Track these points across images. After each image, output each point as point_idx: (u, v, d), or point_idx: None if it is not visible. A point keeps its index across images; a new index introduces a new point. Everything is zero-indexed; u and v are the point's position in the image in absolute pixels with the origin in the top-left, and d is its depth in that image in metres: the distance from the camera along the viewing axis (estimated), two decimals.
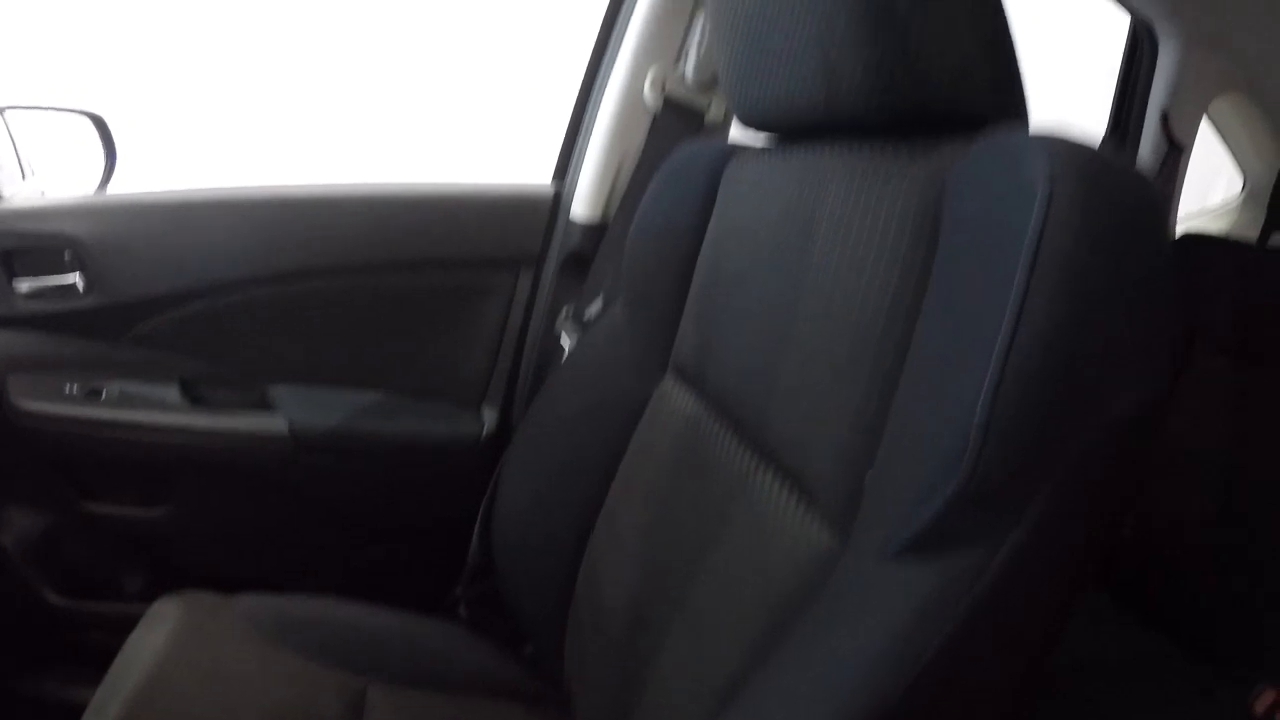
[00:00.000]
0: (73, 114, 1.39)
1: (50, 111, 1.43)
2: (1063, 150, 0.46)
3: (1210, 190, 2.36)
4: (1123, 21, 1.65)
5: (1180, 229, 1.78)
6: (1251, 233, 1.69)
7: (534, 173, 1.35)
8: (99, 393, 1.23)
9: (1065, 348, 0.43)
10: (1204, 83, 1.65)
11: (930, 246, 0.53)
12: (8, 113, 1.43)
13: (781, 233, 0.69)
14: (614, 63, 1.24)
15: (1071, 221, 0.43)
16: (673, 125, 1.22)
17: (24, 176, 1.70)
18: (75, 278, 1.20)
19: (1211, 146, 1.93)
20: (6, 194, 1.53)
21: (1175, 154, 1.62)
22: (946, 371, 0.48)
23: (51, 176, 1.74)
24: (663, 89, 1.21)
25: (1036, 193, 0.44)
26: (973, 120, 0.56)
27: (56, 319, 1.22)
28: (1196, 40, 1.59)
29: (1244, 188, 2.05)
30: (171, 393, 1.24)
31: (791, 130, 0.72)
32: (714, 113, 1.24)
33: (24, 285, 1.20)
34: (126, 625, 0.92)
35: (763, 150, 0.79)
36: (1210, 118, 1.77)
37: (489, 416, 1.32)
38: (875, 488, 0.53)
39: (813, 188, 0.66)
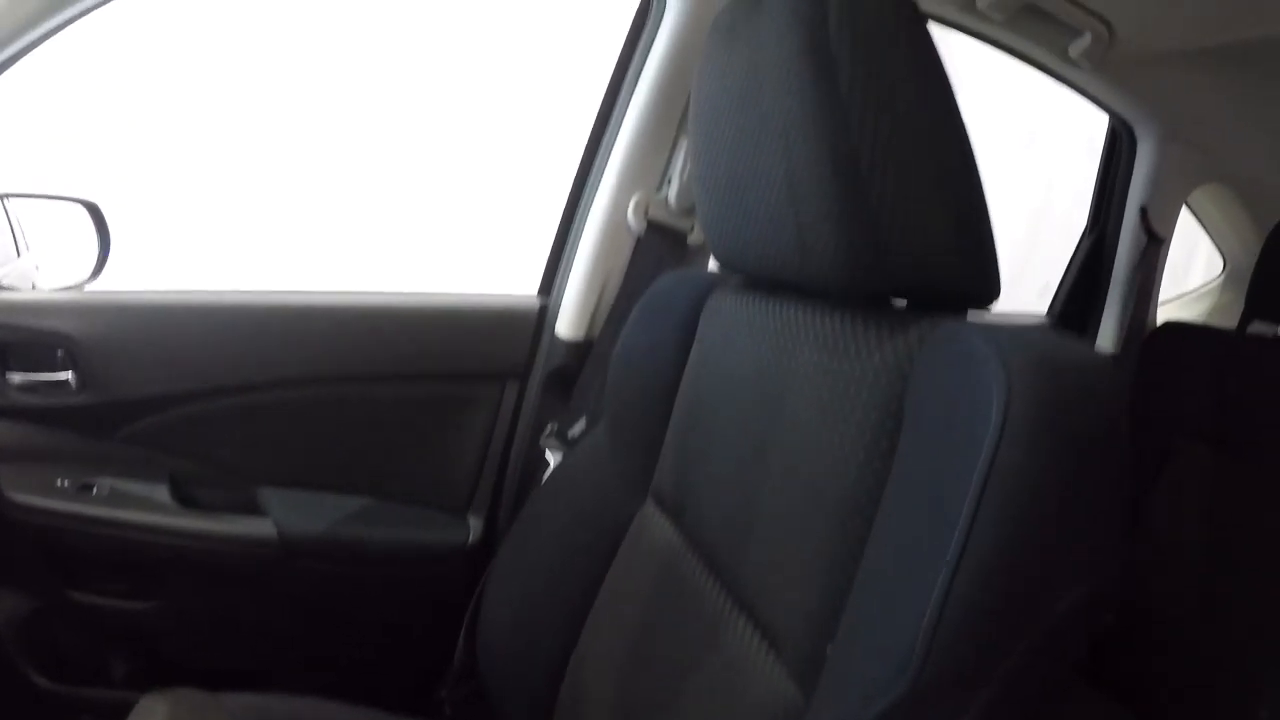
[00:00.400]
0: (68, 202, 1.40)
1: (46, 200, 1.45)
2: (1019, 359, 0.48)
3: (1191, 259, 2.39)
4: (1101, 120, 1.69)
5: (1160, 315, 1.80)
6: (1231, 314, 1.72)
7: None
8: (90, 488, 1.23)
9: (1013, 561, 0.46)
10: (1182, 176, 1.68)
11: (893, 439, 0.55)
12: (6, 200, 1.44)
13: (755, 388, 0.71)
14: (598, 186, 1.26)
15: (1023, 441, 0.46)
16: (656, 246, 1.25)
17: (19, 254, 1.72)
18: (68, 375, 1.20)
19: (1192, 223, 1.96)
20: (2, 269, 1.56)
21: (1155, 246, 1.64)
22: (900, 572, 0.50)
23: (46, 253, 1.75)
24: (646, 214, 1.24)
25: (992, 409, 0.47)
26: (942, 299, 0.58)
27: (49, 413, 1.22)
28: (1173, 136, 1.62)
29: (1224, 269, 2.08)
30: (161, 491, 1.24)
31: (767, 281, 0.74)
32: (696, 235, 1.26)
33: (16, 378, 1.20)
34: (113, 712, 0.93)
35: (741, 288, 0.81)
36: (1190, 207, 1.80)
37: (474, 524, 1.33)
38: (834, 665, 0.55)
39: (786, 349, 0.68)
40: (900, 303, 0.62)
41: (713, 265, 1.11)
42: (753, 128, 0.64)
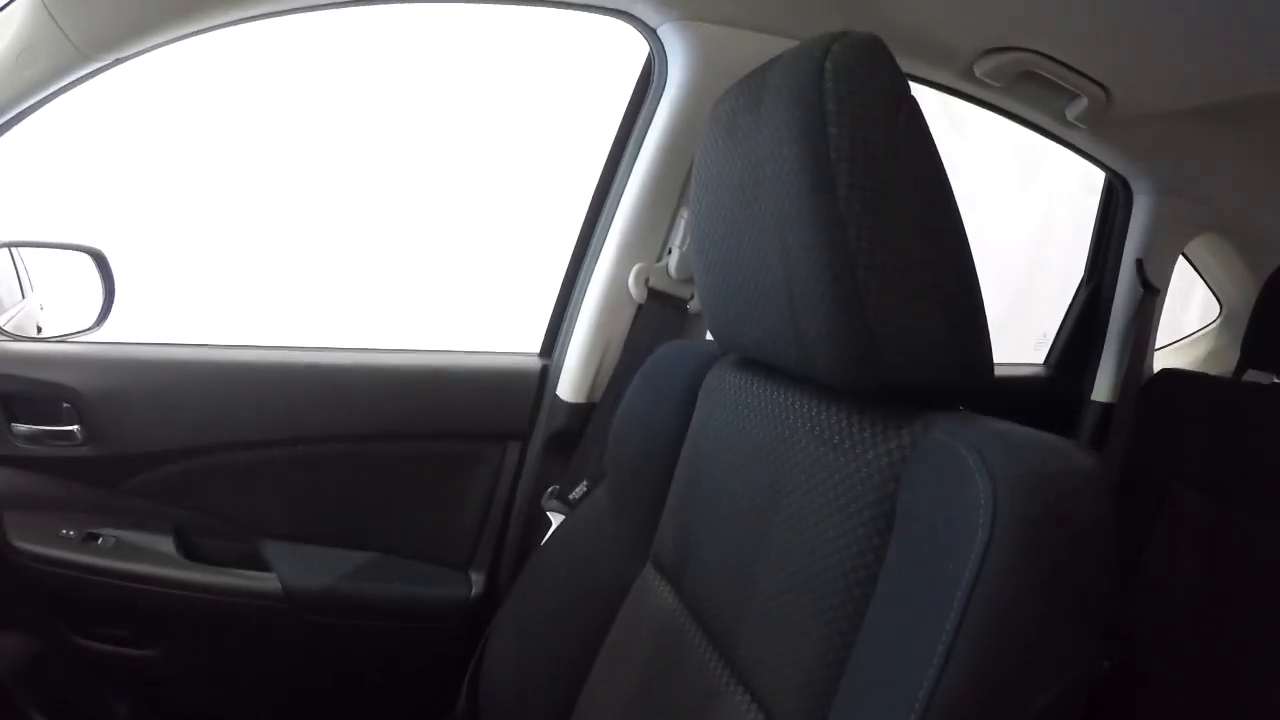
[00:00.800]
0: (73, 250, 1.41)
1: (52, 248, 1.45)
2: (1006, 471, 0.50)
3: (1189, 294, 2.41)
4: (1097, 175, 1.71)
5: (1157, 360, 1.81)
6: (1228, 358, 1.73)
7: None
8: (96, 537, 1.24)
9: (997, 662, 0.47)
10: (1177, 229, 1.69)
11: (884, 536, 0.57)
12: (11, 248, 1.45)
13: (753, 467, 0.72)
14: (599, 253, 1.28)
15: (1008, 553, 0.47)
16: (657, 313, 1.26)
17: (23, 295, 1.73)
18: (74, 428, 1.21)
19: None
20: (8, 312, 1.56)
21: (1151, 297, 1.65)
22: (888, 669, 0.52)
23: (50, 295, 1.77)
24: (647, 283, 1.25)
25: (979, 522, 0.49)
26: (936, 395, 0.59)
27: (55, 463, 1.23)
28: (1169, 190, 1.63)
29: (1220, 312, 2.09)
30: (166, 543, 1.25)
31: (765, 365, 0.75)
32: (696, 303, 1.27)
33: (22, 428, 1.21)
34: None
35: (740, 364, 0.82)
36: (1186, 256, 1.82)
37: (476, 580, 1.34)
38: None
39: (783, 435, 0.70)
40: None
41: None
42: (752, 222, 0.65)
